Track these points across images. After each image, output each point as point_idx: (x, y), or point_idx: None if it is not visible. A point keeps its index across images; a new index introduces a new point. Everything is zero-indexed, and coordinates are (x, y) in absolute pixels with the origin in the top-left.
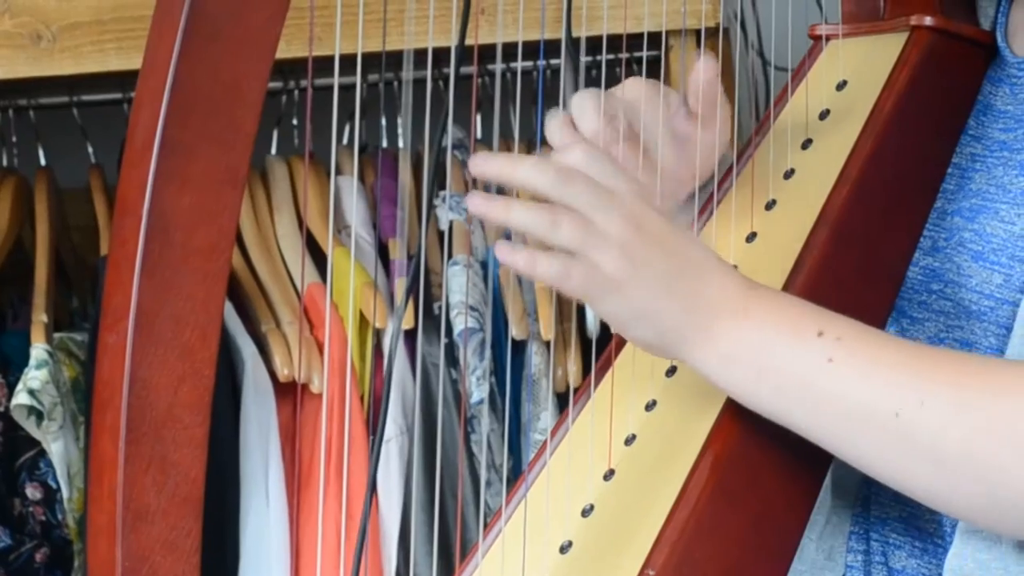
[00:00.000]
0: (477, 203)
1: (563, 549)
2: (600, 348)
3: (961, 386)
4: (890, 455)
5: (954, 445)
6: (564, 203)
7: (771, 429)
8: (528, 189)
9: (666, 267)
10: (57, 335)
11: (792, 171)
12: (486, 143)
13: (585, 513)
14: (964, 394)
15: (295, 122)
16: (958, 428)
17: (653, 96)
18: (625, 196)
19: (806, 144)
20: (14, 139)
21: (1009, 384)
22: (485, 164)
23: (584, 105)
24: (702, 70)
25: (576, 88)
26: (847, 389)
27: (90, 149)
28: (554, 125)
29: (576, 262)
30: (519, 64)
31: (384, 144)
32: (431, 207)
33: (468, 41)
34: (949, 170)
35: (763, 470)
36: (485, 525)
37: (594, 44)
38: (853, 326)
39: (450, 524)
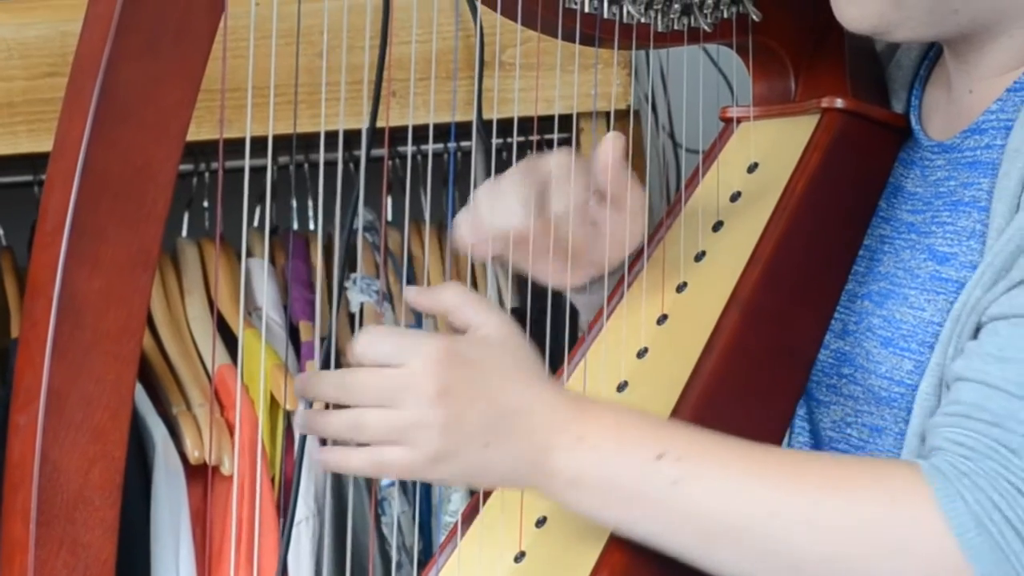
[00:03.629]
0: (300, 422)
1: None
2: None
3: (809, 494)
4: (751, 567)
5: (811, 551)
6: (361, 404)
7: None
8: (330, 401)
9: (482, 423)
10: None
11: (703, 253)
12: (397, 225)
13: None
14: (814, 502)
15: (206, 204)
16: (812, 534)
17: (578, 172)
18: (420, 369)
19: (717, 226)
20: None
21: (857, 486)
22: (303, 388)
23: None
24: (610, 149)
25: (487, 170)
26: (695, 509)
27: (1, 231)
28: (464, 222)
29: (390, 449)
30: (430, 146)
31: (295, 226)
32: (342, 289)
33: (379, 123)
34: (861, 252)
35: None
36: None
37: (505, 127)
38: (693, 442)
39: None
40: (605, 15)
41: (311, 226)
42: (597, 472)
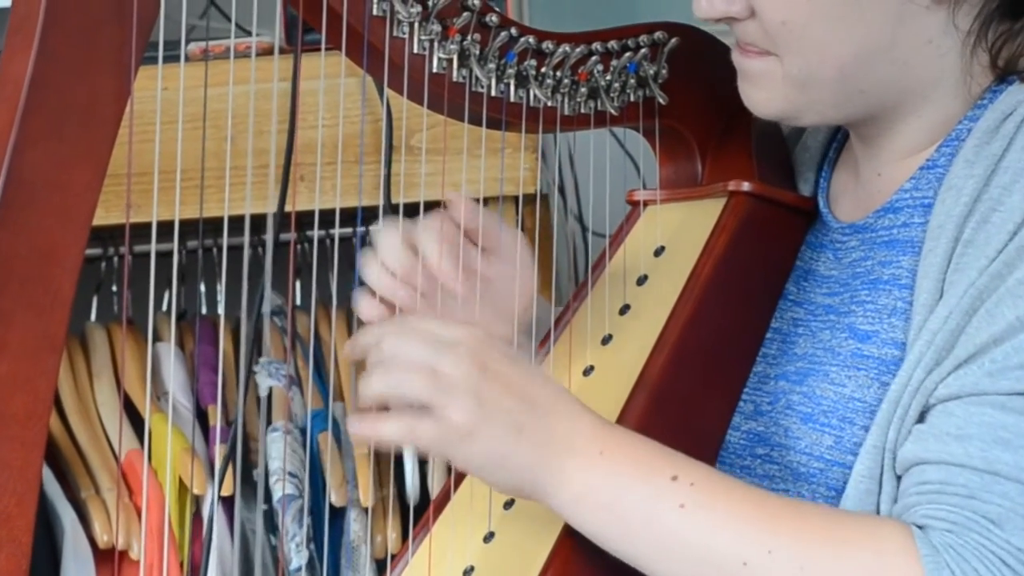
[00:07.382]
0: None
1: None
2: (419, 514)
3: (806, 540)
4: None
5: None
6: (408, 361)
7: None
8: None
9: (515, 408)
10: None
11: (610, 336)
12: (304, 310)
13: None
14: (809, 548)
15: (115, 288)
16: None
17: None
18: (466, 342)
19: (624, 310)
20: None
21: (851, 540)
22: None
23: (387, 242)
24: (460, 204)
25: None
26: (697, 536)
27: None
28: (370, 269)
29: (423, 417)
30: (336, 230)
31: (203, 311)
32: (250, 374)
33: (287, 208)
34: (769, 334)
35: None
36: None
37: (412, 211)
38: (707, 473)
39: None
40: (511, 99)
41: (219, 310)
42: (606, 488)
